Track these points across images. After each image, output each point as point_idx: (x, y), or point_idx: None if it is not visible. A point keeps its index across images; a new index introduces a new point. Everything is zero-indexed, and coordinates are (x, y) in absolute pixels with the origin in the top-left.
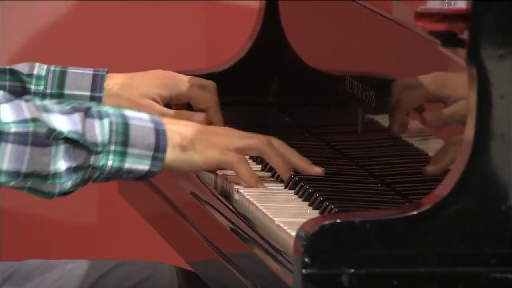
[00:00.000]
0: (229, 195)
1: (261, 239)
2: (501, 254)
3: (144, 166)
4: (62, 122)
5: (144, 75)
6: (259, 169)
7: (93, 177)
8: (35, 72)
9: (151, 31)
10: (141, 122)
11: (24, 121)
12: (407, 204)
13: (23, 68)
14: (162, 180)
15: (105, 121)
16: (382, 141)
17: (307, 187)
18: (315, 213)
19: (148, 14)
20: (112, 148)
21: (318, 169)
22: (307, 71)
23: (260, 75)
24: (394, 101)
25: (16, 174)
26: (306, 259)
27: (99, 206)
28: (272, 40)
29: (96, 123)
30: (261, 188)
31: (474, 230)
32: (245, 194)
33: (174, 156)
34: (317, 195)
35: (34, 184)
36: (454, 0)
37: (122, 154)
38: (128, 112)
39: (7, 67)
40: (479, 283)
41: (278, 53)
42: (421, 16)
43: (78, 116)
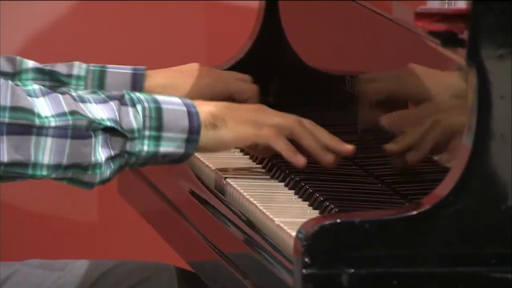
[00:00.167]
0: (223, 191)
1: (261, 239)
2: (501, 254)
3: (179, 149)
4: (100, 112)
5: (184, 74)
6: (260, 168)
7: (130, 163)
8: (75, 73)
9: (151, 31)
10: (174, 106)
11: (64, 114)
12: (407, 204)
13: (62, 69)
14: (162, 180)
15: (139, 107)
16: (382, 141)
17: (307, 187)
18: (315, 213)
19: (148, 14)
20: (147, 133)
21: (350, 147)
22: (307, 71)
23: (260, 75)
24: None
25: (57, 167)
26: (306, 259)
27: (99, 206)
28: (272, 40)
29: (130, 110)
30: (264, 185)
31: (474, 230)
32: (246, 195)
33: (208, 137)
34: (317, 195)
35: (75, 175)
36: (454, 0)
37: (157, 139)
38: (160, 97)
39: (46, 68)
40: (479, 283)
41: (278, 53)
42: (421, 16)
43: (114, 105)
